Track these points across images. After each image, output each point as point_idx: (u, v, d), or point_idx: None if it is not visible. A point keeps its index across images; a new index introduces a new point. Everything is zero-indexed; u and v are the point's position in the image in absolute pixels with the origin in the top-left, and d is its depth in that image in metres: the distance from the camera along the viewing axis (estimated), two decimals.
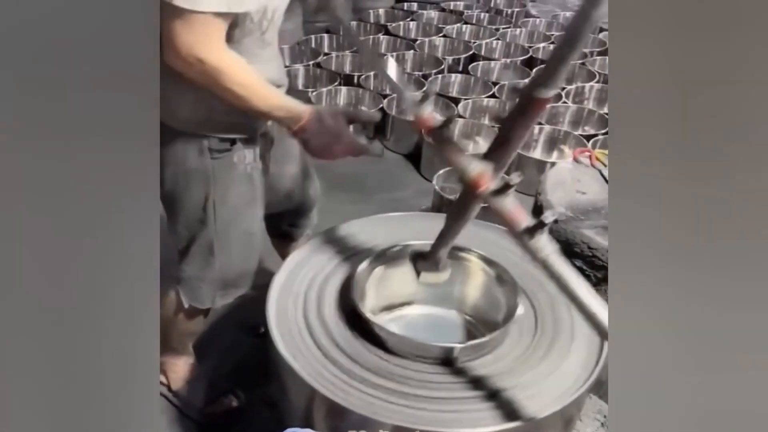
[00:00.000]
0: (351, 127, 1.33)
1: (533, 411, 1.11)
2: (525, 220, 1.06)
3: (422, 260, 1.36)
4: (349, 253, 1.49)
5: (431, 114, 1.16)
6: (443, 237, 1.28)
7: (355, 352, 1.24)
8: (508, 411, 1.12)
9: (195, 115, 1.30)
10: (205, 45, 1.17)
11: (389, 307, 1.51)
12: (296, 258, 1.48)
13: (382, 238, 1.50)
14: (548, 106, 1.03)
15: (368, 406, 1.12)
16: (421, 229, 1.51)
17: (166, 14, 1.13)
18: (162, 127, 1.25)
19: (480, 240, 1.48)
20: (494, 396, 1.16)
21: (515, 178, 1.05)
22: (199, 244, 1.42)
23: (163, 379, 1.74)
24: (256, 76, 1.25)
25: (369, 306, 1.43)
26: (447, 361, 1.23)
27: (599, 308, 1.01)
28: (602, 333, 1.03)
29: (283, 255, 1.80)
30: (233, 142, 1.34)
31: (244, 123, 1.34)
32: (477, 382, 1.19)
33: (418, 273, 1.37)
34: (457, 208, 1.23)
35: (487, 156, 1.09)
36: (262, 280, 1.90)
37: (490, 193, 1.07)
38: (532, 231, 1.04)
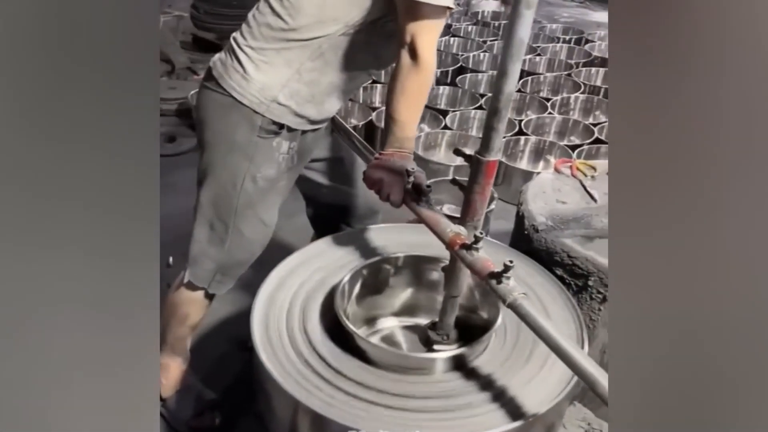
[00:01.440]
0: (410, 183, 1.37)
1: (514, 416, 1.13)
2: (492, 267, 1.15)
3: (433, 331, 1.40)
4: (336, 265, 1.51)
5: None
6: (444, 305, 1.35)
7: (338, 363, 1.26)
8: (490, 418, 1.14)
9: (270, 93, 1.38)
10: (431, 41, 1.31)
11: (374, 318, 1.53)
12: (281, 270, 1.50)
13: (369, 249, 1.52)
14: (497, 167, 1.17)
15: (351, 417, 1.14)
16: (407, 241, 1.55)
17: (403, 9, 1.27)
18: (222, 96, 1.40)
19: None
20: (476, 404, 1.18)
21: (483, 234, 1.17)
22: (218, 216, 1.49)
23: None
24: None
25: (352, 317, 1.45)
26: (429, 371, 1.25)
27: (567, 344, 1.06)
28: (573, 368, 1.05)
29: None
30: (282, 127, 1.42)
31: (302, 116, 1.43)
32: (459, 391, 1.21)
33: (430, 345, 1.39)
34: (446, 272, 1.30)
35: (461, 220, 1.24)
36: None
37: (462, 247, 1.20)
38: (498, 276, 1.12)
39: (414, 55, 1.29)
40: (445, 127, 3.24)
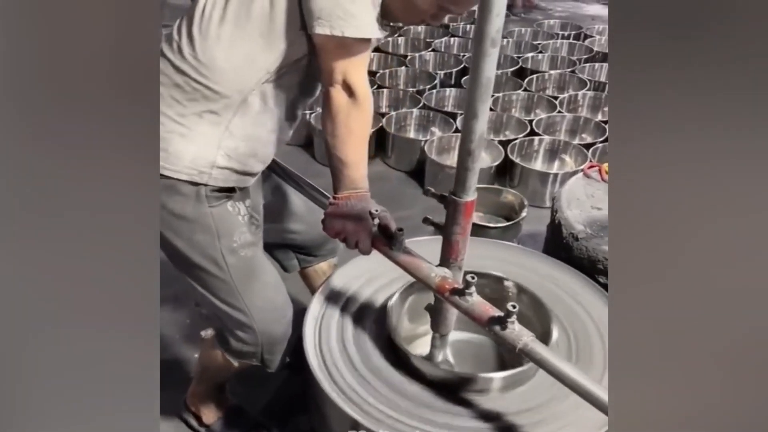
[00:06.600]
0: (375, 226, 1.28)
1: None
2: (491, 312, 1.13)
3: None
4: (377, 283, 1.51)
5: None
6: (433, 343, 1.36)
7: (395, 383, 1.27)
8: None
9: (206, 160, 1.25)
10: (364, 74, 1.23)
11: (423, 334, 1.54)
12: (326, 290, 1.50)
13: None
14: (474, 206, 1.15)
15: None
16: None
17: (332, 47, 1.18)
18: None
19: (514, 266, 1.51)
20: (532, 425, 1.18)
21: (473, 279, 1.13)
22: (228, 304, 1.37)
23: (194, 409, 1.73)
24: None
25: (403, 334, 1.45)
26: (487, 390, 1.25)
27: (590, 384, 1.05)
28: (600, 407, 1.03)
29: (309, 287, 1.80)
30: (232, 190, 1.30)
31: (247, 173, 1.32)
32: (516, 410, 1.21)
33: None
34: (432, 312, 1.29)
35: (442, 261, 1.21)
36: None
37: (454, 292, 1.17)
38: (502, 321, 1.10)
39: (351, 93, 1.21)
40: (457, 131, 3.24)
